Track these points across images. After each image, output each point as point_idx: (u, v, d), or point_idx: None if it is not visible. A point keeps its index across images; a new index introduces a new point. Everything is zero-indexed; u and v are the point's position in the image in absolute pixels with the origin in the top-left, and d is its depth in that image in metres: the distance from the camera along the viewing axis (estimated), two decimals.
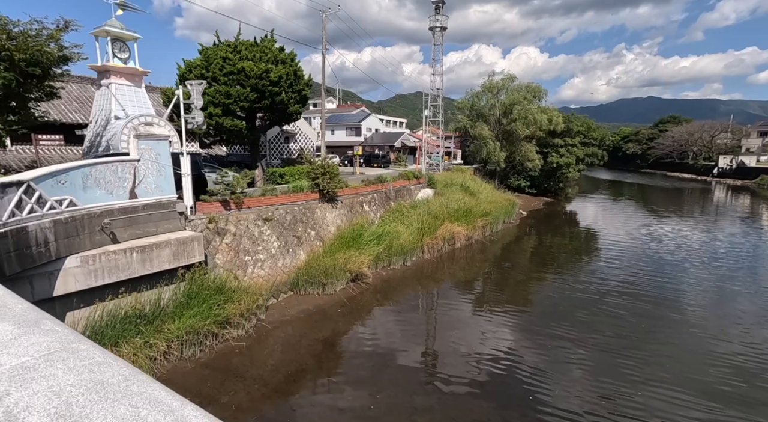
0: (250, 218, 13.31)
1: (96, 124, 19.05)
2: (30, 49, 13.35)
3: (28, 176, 7.62)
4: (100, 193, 9.41)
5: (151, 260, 9.91)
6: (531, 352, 10.82)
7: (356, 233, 16.28)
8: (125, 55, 18.87)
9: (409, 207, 22.21)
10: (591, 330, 12.00)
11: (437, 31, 35.35)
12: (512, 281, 17.30)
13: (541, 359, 10.47)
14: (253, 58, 21.43)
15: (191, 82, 11.62)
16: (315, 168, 16.12)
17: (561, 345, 11.15)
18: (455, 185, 29.41)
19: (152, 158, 10.63)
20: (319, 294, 13.86)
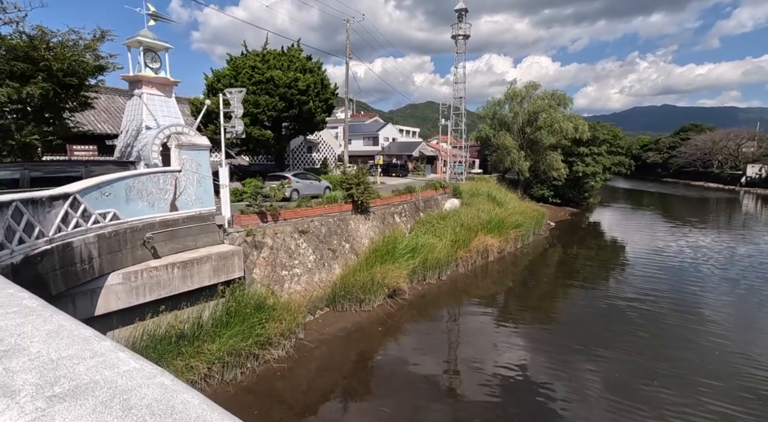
0: (287, 230, 12.79)
1: (127, 134, 18.94)
2: (67, 59, 13.24)
3: (74, 188, 7.20)
4: (142, 205, 8.98)
5: (191, 276, 9.41)
6: (591, 376, 9.93)
7: (390, 245, 15.63)
8: (156, 65, 18.80)
9: (439, 218, 21.50)
10: (653, 354, 11.05)
11: (460, 39, 34.97)
12: (551, 298, 16.37)
13: (606, 385, 9.57)
14: (281, 67, 21.24)
15: (231, 90, 11.24)
16: (348, 178, 15.59)
17: (624, 368, 10.24)
18: (481, 195, 28.64)
19: (193, 168, 10.21)
20: (357, 311, 13.19)
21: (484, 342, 12.21)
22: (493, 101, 41.36)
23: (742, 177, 68.93)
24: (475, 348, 11.69)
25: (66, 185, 7.33)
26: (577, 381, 9.89)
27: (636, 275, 18.97)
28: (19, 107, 12.69)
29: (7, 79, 12.21)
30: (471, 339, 12.44)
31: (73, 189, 7.15)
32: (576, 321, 13.62)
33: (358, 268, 14.16)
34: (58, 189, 6.98)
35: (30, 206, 6.11)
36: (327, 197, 14.92)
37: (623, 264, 21.33)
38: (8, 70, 12.64)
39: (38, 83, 12.62)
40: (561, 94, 37.15)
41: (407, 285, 14.66)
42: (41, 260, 6.23)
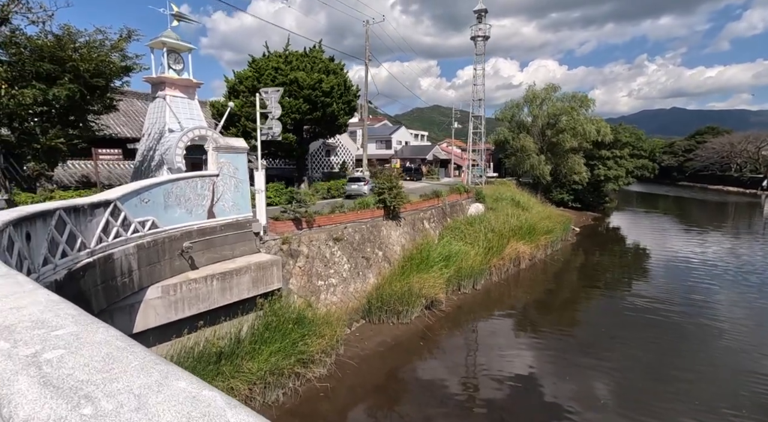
0: (322, 237, 12.12)
1: (149, 137, 18.48)
2: (94, 60, 12.78)
3: (115, 194, 6.59)
4: (180, 212, 8.36)
5: (230, 288, 8.76)
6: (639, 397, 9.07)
7: (424, 253, 14.89)
8: (180, 66, 18.35)
9: (467, 223, 20.72)
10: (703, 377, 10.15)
11: (479, 40, 34.30)
12: (594, 313, 15.49)
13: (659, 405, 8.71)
14: (304, 68, 20.72)
15: (267, 89, 10.64)
16: (380, 182, 14.91)
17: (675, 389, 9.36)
18: (505, 200, 27.82)
19: (230, 172, 9.59)
20: (394, 323, 12.45)
21: (531, 360, 11.39)
22: (512, 104, 40.57)
23: (763, 181, 67.16)
24: (522, 367, 10.87)
25: (105, 192, 6.73)
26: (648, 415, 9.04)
27: (675, 284, 18.00)
28: (44, 109, 12.23)
29: (34, 81, 11.76)
30: (518, 357, 11.61)
31: (113, 195, 6.54)
32: (623, 339, 12.73)
33: (393, 277, 13.44)
34: (98, 196, 6.38)
35: (72, 214, 5.50)
36: (359, 203, 14.25)
37: (657, 273, 20.34)
38: (34, 72, 12.21)
39: (65, 85, 12.15)
40: (582, 96, 36.27)
41: (444, 296, 13.90)
42: (84, 274, 5.61)
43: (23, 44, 12.19)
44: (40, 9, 12.24)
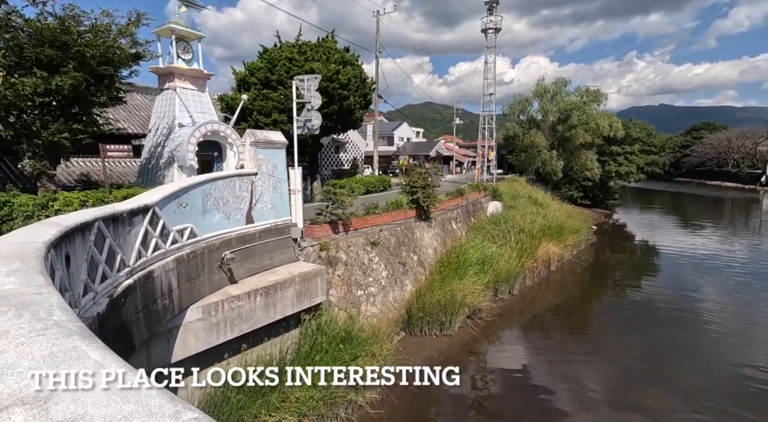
0: (359, 242, 11.02)
1: (156, 132, 17.08)
2: (101, 45, 11.44)
3: (153, 199, 5.43)
4: (218, 217, 7.20)
5: (274, 304, 7.64)
6: None
7: (460, 257, 13.88)
8: (189, 56, 16.94)
9: (491, 223, 19.79)
10: None
11: (490, 33, 33.27)
12: (635, 314, 14.64)
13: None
14: (319, 59, 19.50)
15: (303, 76, 9.48)
16: (413, 180, 13.83)
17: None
18: (522, 198, 26.96)
19: (269, 170, 8.43)
20: (437, 335, 11.44)
21: (594, 382, 10.46)
22: (520, 99, 39.67)
23: (761, 176, 67.51)
24: (587, 387, 9.94)
25: (142, 195, 5.56)
26: None
27: (709, 283, 17.28)
28: (46, 100, 10.89)
29: (34, 68, 10.41)
30: (581, 376, 10.67)
31: (152, 200, 5.37)
32: (682, 347, 11.88)
33: (432, 285, 12.40)
34: (135, 200, 5.21)
35: (111, 226, 4.34)
36: (391, 203, 13.16)
37: (687, 272, 19.64)
38: (33, 58, 10.85)
39: (69, 73, 10.82)
40: (595, 90, 35.50)
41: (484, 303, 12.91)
42: (125, 301, 4.46)
43: (20, 27, 10.82)
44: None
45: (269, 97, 18.40)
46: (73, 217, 3.83)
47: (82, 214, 4.00)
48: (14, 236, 3.04)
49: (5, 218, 10.58)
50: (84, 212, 4.11)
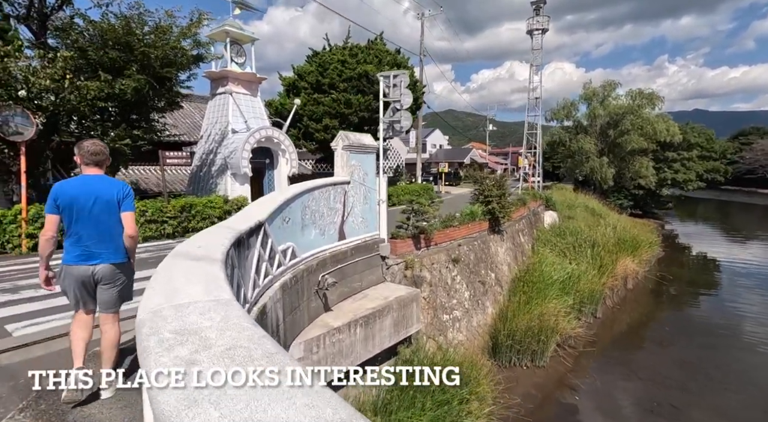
0: (441, 259, 9.78)
1: (209, 139, 16.49)
2: (163, 46, 10.84)
3: (263, 214, 4.38)
4: (315, 234, 6.14)
5: (373, 336, 6.48)
6: None
7: (538, 275, 12.42)
8: (242, 59, 16.34)
9: (555, 235, 18.18)
10: None
11: (537, 34, 31.76)
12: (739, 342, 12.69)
13: None
14: (371, 61, 18.61)
15: (387, 73, 8.40)
16: (487, 188, 12.53)
17: None
18: (578, 207, 25.11)
19: (360, 178, 7.35)
20: (528, 367, 10.00)
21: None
22: (565, 103, 37.70)
23: None
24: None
25: (251, 210, 4.52)
26: None
27: None
28: (108, 105, 10.32)
29: (99, 70, 9.85)
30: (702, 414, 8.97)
31: (263, 215, 4.32)
32: None
33: (514, 307, 10.99)
34: (248, 216, 4.16)
35: (235, 252, 3.28)
36: (466, 214, 11.89)
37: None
38: (97, 61, 10.34)
39: (132, 76, 10.23)
40: (650, 92, 33.22)
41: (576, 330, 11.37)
42: None
43: (84, 29, 10.33)
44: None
45: (320, 102, 17.62)
46: (201, 243, 2.77)
47: (220, 241, 2.95)
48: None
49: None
50: (206, 238, 3.05)
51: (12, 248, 9.03)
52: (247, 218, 4.04)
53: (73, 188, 2.69)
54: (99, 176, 2.78)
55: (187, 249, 2.61)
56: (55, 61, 8.65)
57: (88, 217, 2.65)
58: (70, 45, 10.05)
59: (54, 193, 2.66)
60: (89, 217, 2.65)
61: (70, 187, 2.70)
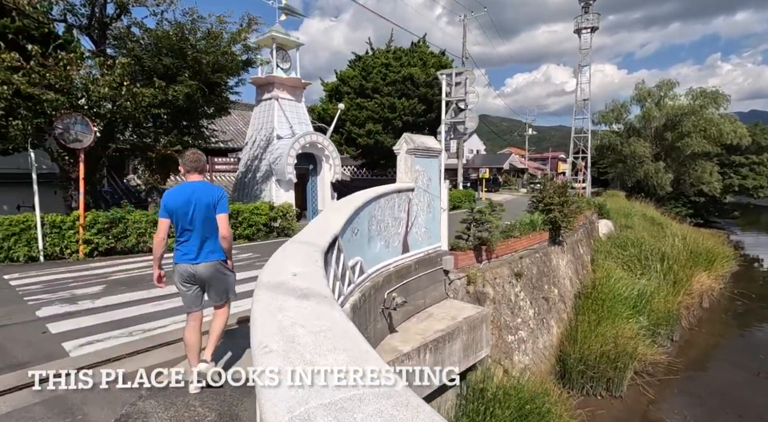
0: (504, 273, 8.91)
1: (254, 145, 16.49)
2: (215, 52, 10.80)
3: (336, 226, 3.81)
4: (380, 246, 5.54)
5: (442, 361, 5.75)
6: None
7: (612, 292, 11.19)
8: (287, 65, 16.26)
9: (615, 246, 16.69)
10: None
11: (585, 32, 30.07)
12: None
13: None
14: (416, 64, 18.08)
15: (449, 70, 7.72)
16: (548, 195, 11.51)
17: None
18: (634, 215, 23.17)
19: (424, 185, 6.70)
20: (603, 396, 8.86)
21: None
22: (615, 105, 35.49)
23: None
24: None
25: (323, 223, 3.96)
26: None
27: None
28: (161, 111, 10.36)
29: (154, 77, 9.89)
30: None
31: (337, 228, 3.75)
32: None
33: (581, 326, 9.88)
34: (323, 230, 3.58)
35: None
36: (526, 223, 10.94)
37: None
38: (151, 68, 10.43)
39: (185, 82, 10.21)
40: (713, 91, 30.51)
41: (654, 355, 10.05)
42: None
43: (140, 37, 10.46)
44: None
45: (363, 107, 17.24)
46: (293, 268, 2.19)
47: (299, 258, 2.38)
48: None
49: (120, 236, 10.04)
50: (294, 259, 2.48)
51: (70, 253, 9.10)
52: (323, 231, 3.48)
53: (179, 194, 2.92)
54: (200, 182, 3.00)
55: (280, 279, 2.04)
56: (114, 68, 8.66)
57: (192, 219, 2.88)
58: (126, 54, 10.17)
59: (165, 200, 2.92)
60: (192, 219, 2.89)
61: (177, 193, 2.94)
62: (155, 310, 5.22)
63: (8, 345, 4.11)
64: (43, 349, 4.01)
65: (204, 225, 2.92)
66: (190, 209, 2.88)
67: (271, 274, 2.19)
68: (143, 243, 9.80)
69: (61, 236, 9.08)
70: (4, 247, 8.67)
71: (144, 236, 9.82)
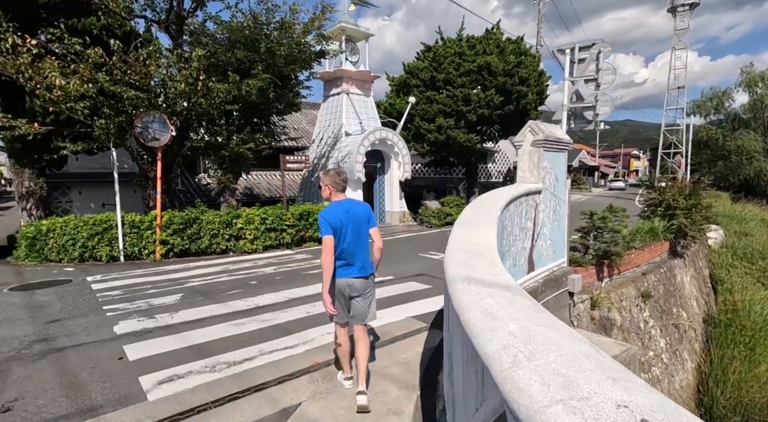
0: (630, 293, 7.23)
1: (321, 143, 15.99)
2: (289, 43, 10.20)
3: (491, 245, 2.58)
4: (509, 264, 4.28)
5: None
6: None
7: (764, 318, 8.92)
8: (356, 58, 15.46)
9: (738, 258, 13.89)
10: None
11: (682, 10, 26.21)
12: None
13: None
14: (492, 52, 16.46)
15: (571, 44, 6.21)
16: (671, 197, 9.46)
17: None
18: (750, 221, 19.57)
19: (551, 186, 5.33)
20: None
21: None
22: (714, 93, 30.74)
23: None
24: None
25: (475, 232, 2.78)
26: None
27: None
28: (234, 107, 9.95)
29: (228, 71, 9.48)
30: None
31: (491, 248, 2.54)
32: None
33: (730, 364, 7.83)
34: (477, 249, 2.39)
35: None
36: (645, 231, 9.04)
37: None
38: (224, 62, 10.07)
39: (258, 75, 9.72)
40: None
41: None
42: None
43: (214, 32, 10.14)
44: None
45: (434, 100, 15.98)
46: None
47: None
48: None
49: (194, 237, 9.77)
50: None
51: (147, 254, 8.92)
52: (473, 251, 2.32)
53: (338, 212, 2.97)
54: (350, 200, 3.10)
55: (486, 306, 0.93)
56: (191, 61, 8.26)
57: (348, 235, 2.96)
58: (204, 47, 9.86)
59: (326, 218, 2.92)
60: (349, 235, 2.96)
61: (335, 210, 2.98)
62: (237, 333, 4.44)
63: (84, 377, 3.47)
64: (119, 386, 3.30)
65: (360, 240, 3.02)
66: (349, 225, 2.97)
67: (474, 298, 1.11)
68: (216, 245, 9.42)
69: (139, 236, 8.91)
70: (88, 246, 8.65)
71: (216, 238, 9.44)
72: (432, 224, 14.85)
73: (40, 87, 7.38)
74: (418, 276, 7.12)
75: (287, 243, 10.35)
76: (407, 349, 3.99)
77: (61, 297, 5.92)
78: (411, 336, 4.29)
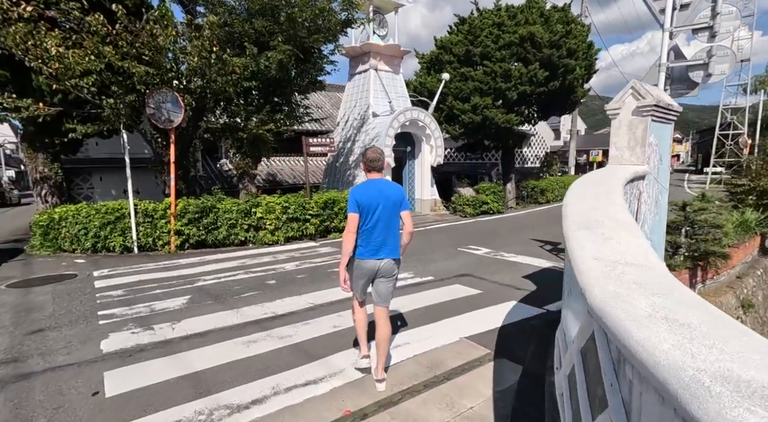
0: (730, 303, 5.84)
1: (346, 125, 14.88)
2: (312, 8, 9.08)
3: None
4: None
5: None
6: None
7: None
8: (384, 31, 14.06)
9: None
10: None
11: None
12: None
13: None
14: (535, 21, 14.71)
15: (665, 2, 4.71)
16: (765, 183, 7.82)
17: None
18: None
19: (654, 169, 4.02)
20: None
21: None
22: None
23: None
24: None
25: (617, 226, 1.56)
26: None
27: None
28: (252, 84, 8.99)
29: (246, 43, 8.49)
30: None
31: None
32: None
33: None
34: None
35: None
36: (737, 225, 7.52)
37: None
38: (241, 33, 9.09)
39: (278, 46, 8.70)
40: None
41: None
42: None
43: (229, 1, 9.13)
44: None
45: (469, 77, 14.47)
46: None
47: None
48: None
49: (211, 227, 8.99)
50: None
51: (162, 245, 8.22)
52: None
53: (369, 190, 2.88)
54: (383, 180, 2.98)
55: None
56: (202, 28, 7.29)
57: (379, 216, 2.86)
58: (219, 17, 8.90)
59: (354, 196, 2.86)
60: (380, 216, 2.86)
61: (366, 190, 2.88)
62: (247, 355, 3.49)
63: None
64: None
65: (390, 222, 2.89)
66: (380, 205, 2.85)
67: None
68: (234, 236, 8.61)
69: (153, 226, 8.21)
70: (101, 236, 8.03)
71: (235, 228, 8.62)
72: (466, 214, 13.60)
73: (38, 60, 6.63)
74: (462, 277, 6.01)
75: (311, 234, 9.43)
76: (471, 392, 2.90)
77: (57, 298, 5.21)
78: (472, 370, 3.21)
